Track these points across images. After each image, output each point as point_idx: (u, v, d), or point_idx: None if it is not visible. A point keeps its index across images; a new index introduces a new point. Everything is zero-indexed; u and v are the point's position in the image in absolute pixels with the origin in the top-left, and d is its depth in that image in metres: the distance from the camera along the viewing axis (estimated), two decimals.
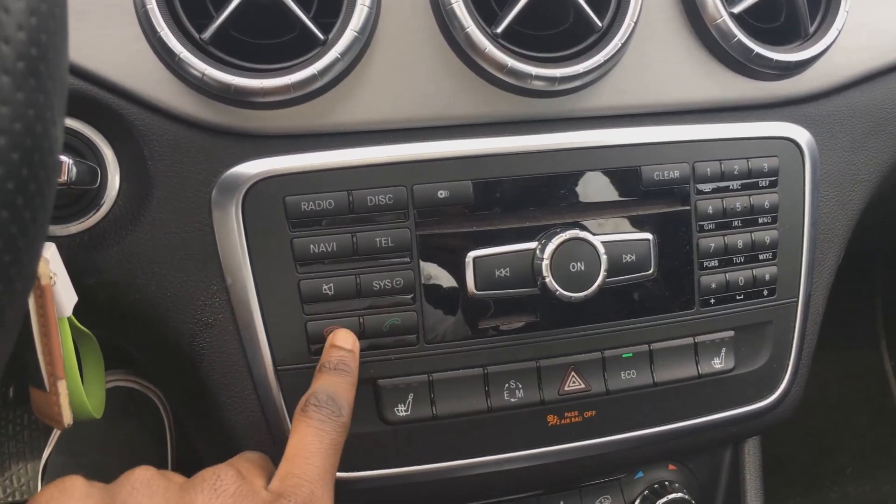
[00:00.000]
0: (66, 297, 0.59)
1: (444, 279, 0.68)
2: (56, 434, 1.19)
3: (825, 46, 0.75)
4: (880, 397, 1.91)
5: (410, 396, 0.68)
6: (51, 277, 0.55)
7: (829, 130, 0.81)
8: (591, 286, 0.68)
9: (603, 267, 0.68)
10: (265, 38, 0.66)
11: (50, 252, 0.57)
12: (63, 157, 0.58)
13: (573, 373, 0.72)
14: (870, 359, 1.95)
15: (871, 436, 1.87)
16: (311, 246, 0.65)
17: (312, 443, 0.56)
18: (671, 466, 0.86)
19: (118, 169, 0.66)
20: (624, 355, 0.73)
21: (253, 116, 0.65)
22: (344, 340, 0.64)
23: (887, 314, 1.91)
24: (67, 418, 0.56)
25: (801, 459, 1.84)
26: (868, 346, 1.95)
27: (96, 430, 1.18)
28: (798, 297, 0.79)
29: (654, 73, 0.73)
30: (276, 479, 0.54)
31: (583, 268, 0.68)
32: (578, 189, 0.70)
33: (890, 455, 1.87)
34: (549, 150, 0.70)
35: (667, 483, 0.84)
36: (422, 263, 0.67)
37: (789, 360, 0.80)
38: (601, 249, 0.68)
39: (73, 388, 0.60)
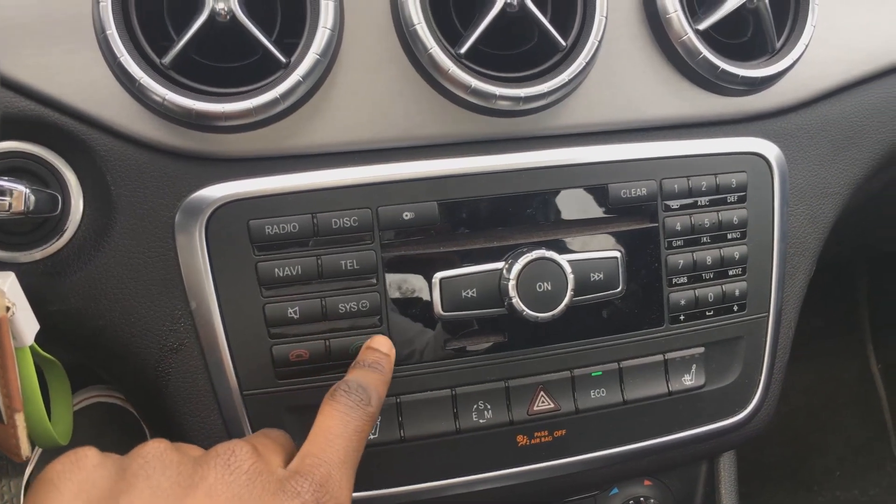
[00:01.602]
0: (26, 325, 0.58)
1: (411, 301, 0.68)
2: (38, 451, 1.18)
3: (792, 61, 0.75)
4: (867, 399, 1.91)
5: (378, 419, 0.68)
6: (8, 308, 0.55)
7: (799, 144, 0.81)
8: (558, 306, 0.68)
9: (570, 286, 0.68)
10: (228, 61, 0.65)
11: (8, 282, 0.57)
12: (20, 187, 0.58)
13: (542, 392, 0.72)
14: (856, 362, 1.95)
15: (858, 438, 1.88)
16: (276, 269, 0.65)
17: (337, 426, 0.55)
18: (647, 482, 0.86)
19: (81, 194, 0.66)
20: (593, 374, 0.73)
21: (216, 140, 0.65)
22: (380, 344, 0.65)
23: (873, 317, 1.92)
24: (25, 451, 0.55)
25: (789, 463, 1.84)
26: (854, 349, 1.95)
27: (79, 447, 1.17)
28: (769, 312, 0.79)
29: (620, 91, 0.73)
30: (296, 459, 0.54)
31: (549, 287, 0.67)
32: (545, 208, 0.70)
33: (877, 457, 1.87)
34: (515, 170, 0.70)
35: (642, 499, 0.84)
36: (388, 285, 0.67)
37: (761, 375, 0.80)
38: (567, 269, 0.68)
39: (36, 418, 0.59)
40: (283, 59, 0.63)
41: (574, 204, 0.71)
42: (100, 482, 0.47)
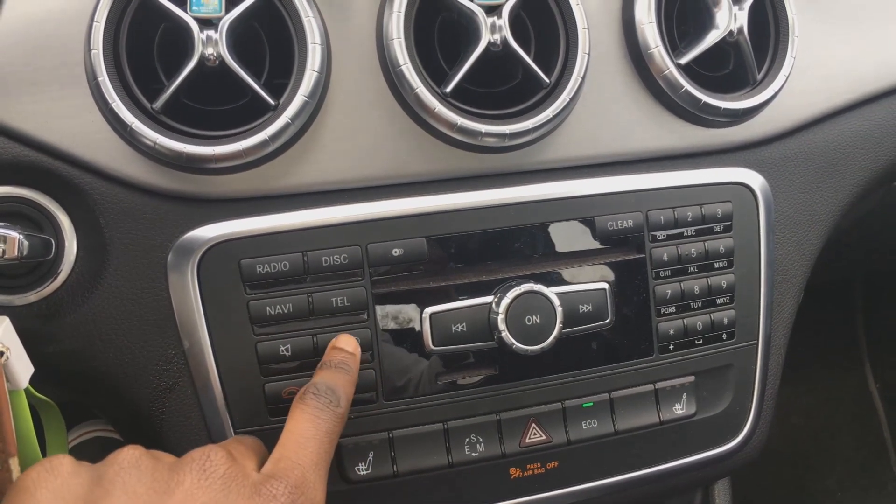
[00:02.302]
0: (21, 369, 0.59)
1: (402, 336, 0.69)
2: None
3: (773, 93, 0.76)
4: (866, 418, 1.91)
5: (371, 455, 0.69)
6: (2, 353, 0.55)
7: (783, 173, 0.82)
8: (548, 339, 0.68)
9: (559, 319, 0.69)
10: (218, 104, 0.67)
11: (2, 327, 0.58)
12: (13, 233, 0.59)
13: (534, 424, 0.72)
14: (854, 380, 1.95)
15: (857, 457, 1.87)
16: (268, 308, 0.66)
17: (308, 429, 0.56)
18: None
19: (75, 236, 0.67)
20: (584, 405, 0.73)
21: (207, 182, 0.66)
22: (346, 343, 0.65)
23: (869, 335, 1.92)
24: None
25: (789, 485, 1.84)
26: (852, 368, 1.95)
27: None
28: (758, 340, 0.80)
29: (605, 125, 0.74)
30: (269, 463, 0.54)
31: (538, 320, 0.68)
32: (533, 241, 0.71)
33: (878, 477, 1.87)
34: (503, 205, 0.71)
35: None
36: (378, 321, 0.68)
37: (752, 402, 0.80)
38: (556, 301, 0.69)
39: (32, 462, 0.60)
40: (271, 101, 0.64)
41: (562, 237, 0.72)
42: (75, 489, 0.48)
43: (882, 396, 1.92)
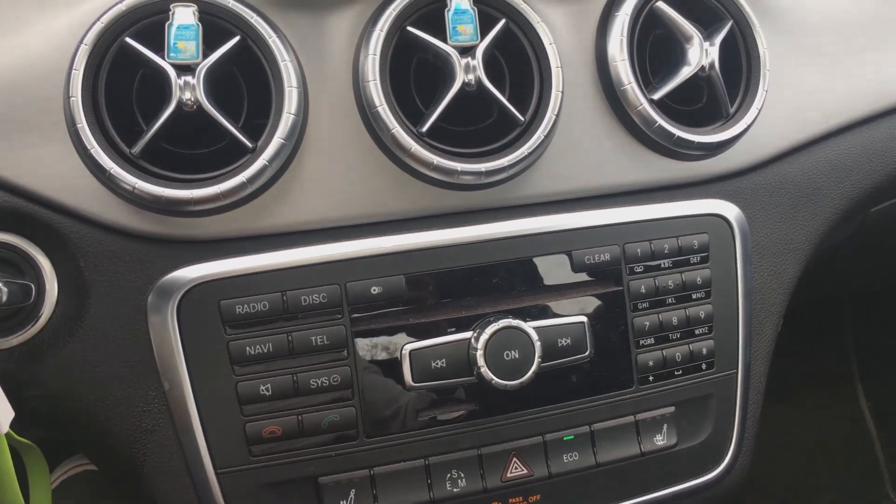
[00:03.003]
0: (0, 414, 0.59)
1: (382, 373, 0.69)
2: None
3: (746, 126, 0.78)
4: (858, 437, 1.91)
5: (352, 493, 0.69)
6: None
7: (759, 203, 0.83)
8: (527, 373, 0.69)
9: (537, 353, 0.69)
10: (197, 147, 0.68)
11: None
12: None
13: (515, 459, 0.72)
14: (846, 402, 1.95)
15: (851, 479, 1.87)
16: (248, 348, 0.66)
17: None
18: None
19: (56, 279, 0.67)
20: (565, 438, 0.74)
21: (186, 224, 0.66)
22: None
23: (860, 355, 1.93)
24: None
25: None
26: (843, 389, 1.96)
27: None
28: (738, 368, 0.81)
29: (581, 160, 0.75)
30: None
31: (517, 355, 0.69)
32: (511, 277, 0.72)
33: (871, 496, 1.87)
34: (480, 241, 0.72)
35: None
36: (358, 359, 0.68)
37: (733, 431, 0.81)
38: (534, 336, 0.69)
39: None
40: (249, 144, 0.65)
41: (540, 272, 0.73)
42: None
43: (874, 415, 1.93)
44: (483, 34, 0.69)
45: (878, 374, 1.88)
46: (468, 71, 0.68)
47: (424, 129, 0.68)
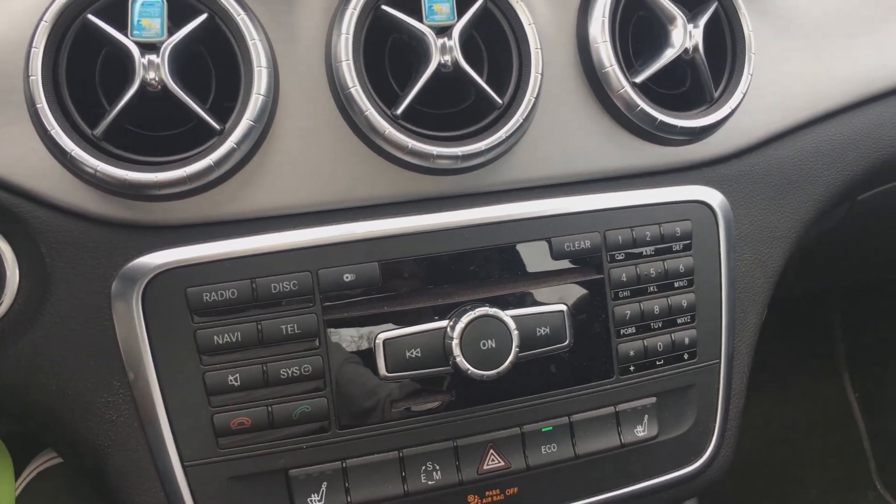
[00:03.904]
0: None
1: (355, 363, 0.67)
2: None
3: (730, 111, 0.76)
4: (846, 428, 1.91)
5: (324, 486, 0.67)
6: None
7: (743, 190, 0.82)
8: (504, 363, 0.67)
9: (514, 343, 0.68)
10: (164, 129, 0.65)
11: None
12: None
13: (492, 450, 0.71)
14: (833, 391, 1.95)
15: (839, 469, 1.87)
16: (216, 337, 0.64)
17: None
18: None
19: (17, 266, 0.65)
20: (544, 429, 0.72)
21: (152, 208, 0.64)
22: None
23: (848, 346, 1.92)
24: None
25: (771, 496, 1.83)
26: (831, 380, 1.96)
27: None
28: (720, 359, 0.79)
29: (561, 145, 0.73)
30: None
31: (494, 345, 0.67)
32: (489, 264, 0.70)
33: (859, 487, 1.87)
34: (457, 228, 0.70)
35: None
36: (330, 348, 0.66)
37: (715, 421, 0.79)
38: (511, 325, 0.68)
39: None
40: (216, 126, 0.63)
41: (518, 259, 0.71)
42: None
43: (861, 406, 1.93)
44: (461, 14, 0.67)
45: (865, 365, 1.88)
46: (444, 52, 0.66)
47: (399, 111, 0.66)
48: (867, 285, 1.80)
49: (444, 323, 0.68)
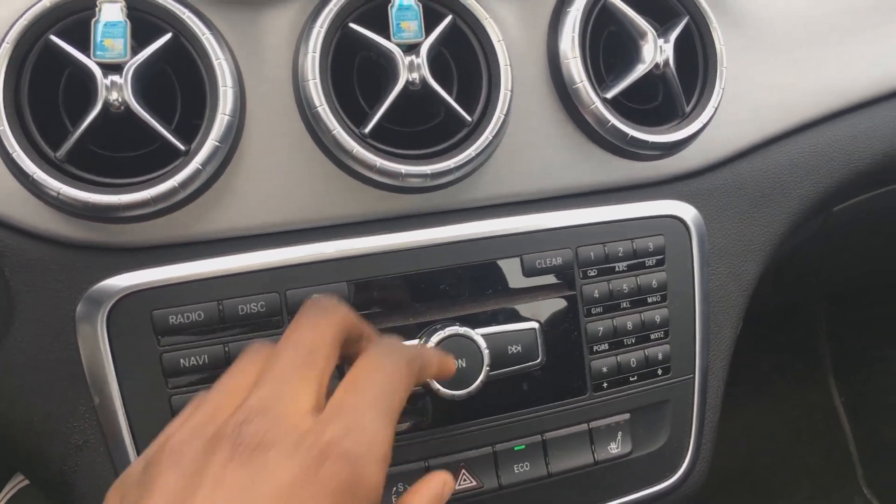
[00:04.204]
0: None
1: None
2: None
3: (702, 124, 0.76)
4: (832, 435, 1.92)
5: None
6: None
7: (716, 204, 0.82)
8: (475, 382, 0.67)
9: (485, 361, 0.67)
10: (129, 150, 0.65)
11: None
12: None
13: (464, 470, 0.70)
14: (819, 396, 1.96)
15: (825, 476, 1.88)
16: (182, 360, 0.64)
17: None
18: None
19: None
20: (516, 448, 0.72)
21: (117, 230, 0.64)
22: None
23: (833, 350, 1.93)
24: None
25: (757, 503, 1.83)
26: (817, 385, 1.96)
27: None
28: (695, 373, 0.79)
29: (532, 161, 0.73)
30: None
31: (464, 364, 0.67)
32: (460, 283, 0.70)
33: (845, 491, 1.87)
34: (428, 246, 0.69)
35: None
36: None
37: (690, 437, 0.79)
38: (482, 344, 0.67)
39: None
40: (181, 147, 0.62)
41: (489, 277, 0.71)
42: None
43: (847, 411, 1.93)
44: (429, 31, 0.66)
45: (851, 370, 1.88)
46: (412, 69, 0.65)
47: (367, 129, 0.66)
48: (850, 292, 1.81)
49: (413, 343, 0.67)
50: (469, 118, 0.68)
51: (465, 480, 0.70)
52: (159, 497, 0.40)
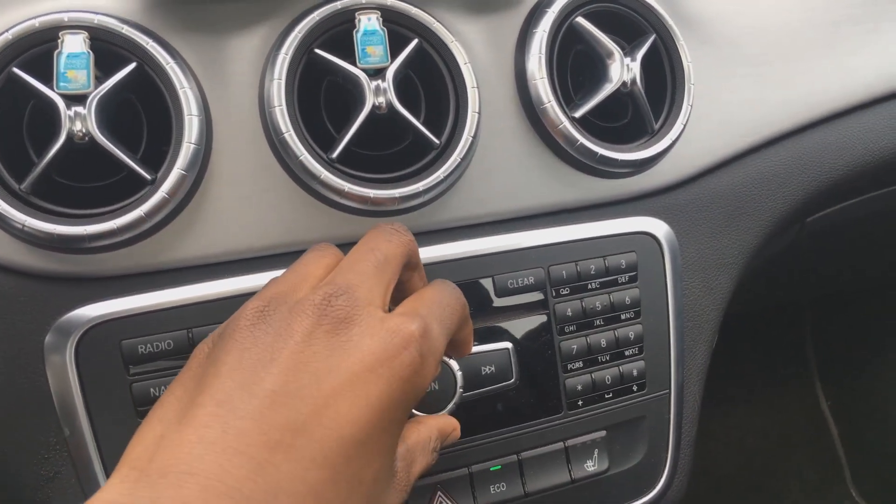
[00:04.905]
0: None
1: None
2: None
3: (671, 141, 0.76)
4: (819, 436, 1.92)
5: None
6: None
7: (689, 219, 0.82)
8: (448, 404, 0.67)
9: (458, 383, 0.67)
10: (95, 180, 0.64)
11: None
12: None
13: (440, 493, 0.70)
14: (806, 399, 1.97)
15: (813, 479, 1.88)
16: (152, 389, 0.63)
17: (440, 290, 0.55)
18: None
19: None
20: (492, 468, 0.72)
21: (84, 261, 0.63)
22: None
23: (819, 354, 1.94)
24: None
25: None
26: (803, 388, 1.97)
27: None
28: (670, 389, 0.79)
29: (503, 181, 0.73)
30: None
31: (436, 386, 0.67)
32: None
33: (833, 495, 1.88)
34: None
35: None
36: None
37: (667, 452, 0.79)
38: (455, 366, 0.67)
39: None
40: (147, 176, 0.62)
41: None
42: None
43: (834, 414, 1.94)
44: (395, 55, 0.67)
45: (837, 373, 1.89)
46: (378, 94, 0.65)
47: (335, 154, 0.66)
48: (836, 296, 1.82)
49: None
50: (437, 141, 0.68)
51: (441, 502, 0.70)
52: (251, 345, 0.44)
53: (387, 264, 0.51)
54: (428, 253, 0.71)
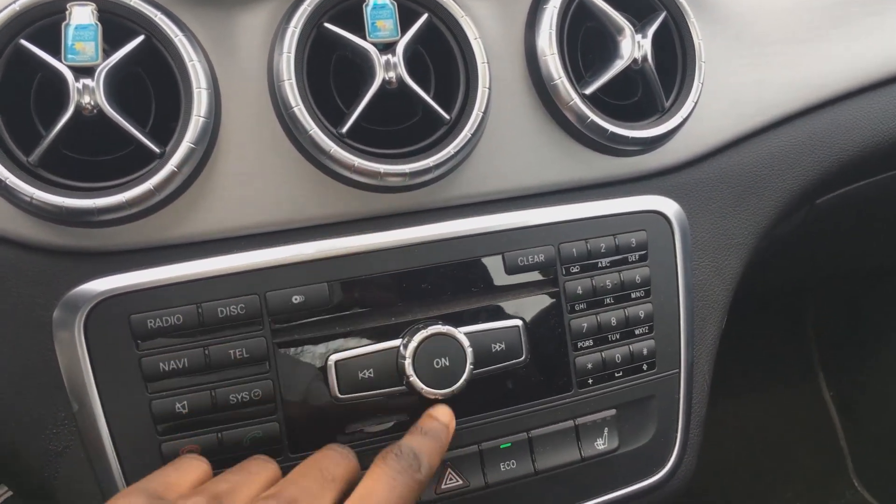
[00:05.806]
0: None
1: (306, 386, 0.66)
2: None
3: (681, 119, 0.76)
4: (821, 427, 1.92)
5: None
6: None
7: (699, 198, 0.81)
8: (458, 381, 0.66)
9: (469, 360, 0.67)
10: (103, 153, 0.64)
11: None
12: None
13: (450, 469, 0.70)
14: (808, 390, 1.97)
15: (815, 467, 1.88)
16: (161, 364, 0.63)
17: (382, 491, 0.54)
18: None
19: None
20: (502, 446, 0.71)
21: (92, 235, 0.63)
22: (441, 414, 0.65)
23: (821, 345, 1.94)
24: None
25: (747, 496, 1.83)
26: (806, 378, 1.97)
27: None
28: (680, 368, 0.79)
29: (513, 158, 0.73)
30: None
31: (447, 363, 0.66)
32: (441, 281, 0.69)
33: (836, 486, 1.88)
34: (408, 245, 0.69)
35: None
36: (281, 372, 0.65)
37: (677, 432, 0.79)
38: (465, 342, 0.67)
39: None
40: (156, 149, 0.61)
41: (471, 275, 0.70)
42: None
43: (836, 405, 1.94)
44: (405, 30, 0.66)
45: (840, 364, 1.89)
46: (388, 68, 0.65)
47: (345, 129, 0.65)
48: (839, 285, 1.81)
49: (396, 342, 0.67)
50: (447, 116, 0.68)
51: (451, 479, 0.70)
52: None
53: (333, 483, 0.55)
54: (437, 230, 0.70)
